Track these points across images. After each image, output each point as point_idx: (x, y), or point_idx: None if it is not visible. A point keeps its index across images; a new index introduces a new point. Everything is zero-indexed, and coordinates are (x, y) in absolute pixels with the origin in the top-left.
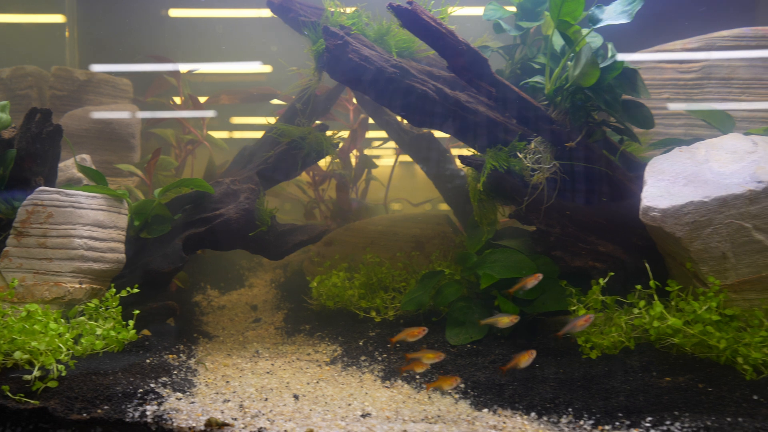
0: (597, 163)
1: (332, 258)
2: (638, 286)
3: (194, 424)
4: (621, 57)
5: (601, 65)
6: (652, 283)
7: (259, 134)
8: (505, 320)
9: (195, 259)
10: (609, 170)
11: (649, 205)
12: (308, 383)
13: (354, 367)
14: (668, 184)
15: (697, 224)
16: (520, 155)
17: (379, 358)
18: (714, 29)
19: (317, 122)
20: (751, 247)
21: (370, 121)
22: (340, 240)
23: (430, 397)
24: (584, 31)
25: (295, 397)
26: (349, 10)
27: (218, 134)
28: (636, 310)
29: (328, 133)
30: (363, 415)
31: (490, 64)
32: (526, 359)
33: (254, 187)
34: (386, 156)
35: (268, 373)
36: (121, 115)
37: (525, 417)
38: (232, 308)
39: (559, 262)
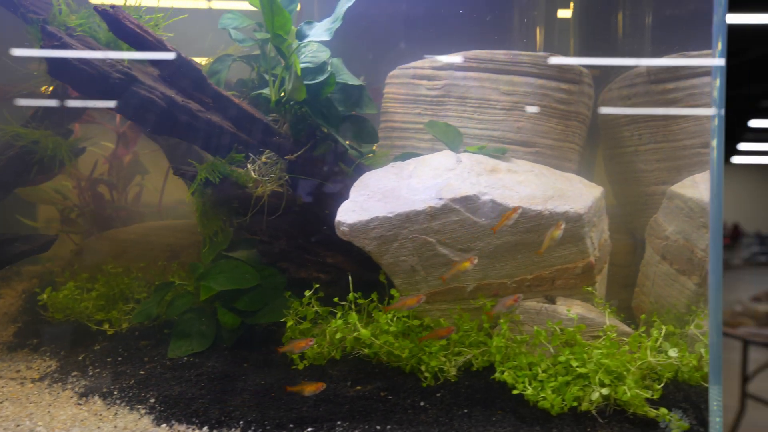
0: (320, 176)
1: (80, 267)
2: (336, 299)
3: None
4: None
5: (318, 80)
6: (350, 296)
7: None
8: (465, 265)
9: None
10: (330, 183)
11: (339, 219)
12: None
13: (59, 384)
14: (366, 198)
15: (384, 239)
16: (250, 166)
17: (90, 374)
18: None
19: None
20: (438, 261)
21: None
22: (91, 249)
23: (116, 414)
24: (295, 45)
25: None
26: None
27: None
28: (335, 323)
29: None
30: None
31: (204, 72)
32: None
33: None
34: None
35: None
36: None
37: (197, 431)
38: None
39: (284, 274)
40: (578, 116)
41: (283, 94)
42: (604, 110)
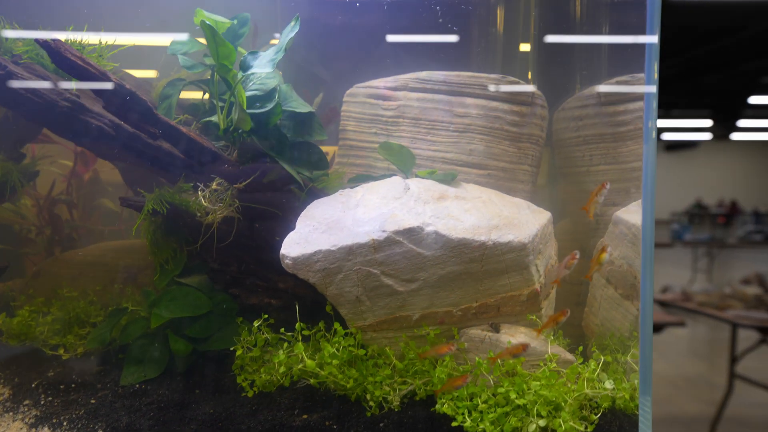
0: (270, 203)
1: (35, 291)
2: (282, 329)
3: None
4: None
5: (265, 108)
6: (298, 325)
7: None
8: (571, 262)
9: None
10: (278, 210)
11: (282, 252)
12: None
13: (10, 413)
14: (311, 230)
15: (328, 271)
16: (200, 194)
17: (43, 402)
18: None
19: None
20: (383, 291)
21: None
22: (48, 272)
23: None
24: (240, 75)
25: None
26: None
27: None
28: (276, 357)
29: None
30: None
31: (147, 102)
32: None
33: None
34: None
35: None
36: None
37: None
38: None
39: (236, 300)
40: (531, 138)
41: (228, 122)
42: (557, 129)
